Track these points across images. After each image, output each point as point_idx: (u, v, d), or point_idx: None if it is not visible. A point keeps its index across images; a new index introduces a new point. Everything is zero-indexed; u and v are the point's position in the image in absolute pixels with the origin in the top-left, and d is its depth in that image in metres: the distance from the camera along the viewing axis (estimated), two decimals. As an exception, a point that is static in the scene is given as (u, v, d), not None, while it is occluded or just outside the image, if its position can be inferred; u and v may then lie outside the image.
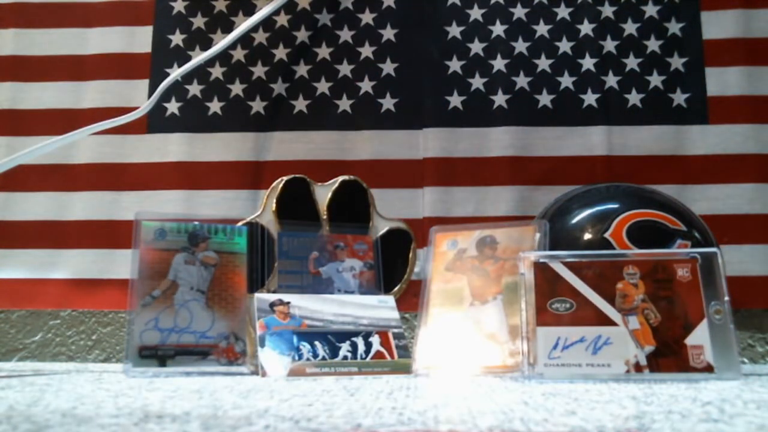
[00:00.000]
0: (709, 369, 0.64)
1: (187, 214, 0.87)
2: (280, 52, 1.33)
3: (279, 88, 1.32)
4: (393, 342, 0.82)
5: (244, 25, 1.25)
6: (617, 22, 1.31)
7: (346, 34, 1.33)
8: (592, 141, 1.26)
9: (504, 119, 1.27)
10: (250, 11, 1.33)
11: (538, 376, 0.65)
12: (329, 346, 0.79)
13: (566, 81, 1.28)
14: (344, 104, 1.30)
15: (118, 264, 1.28)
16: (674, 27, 1.30)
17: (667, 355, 0.65)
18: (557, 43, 1.30)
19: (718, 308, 0.66)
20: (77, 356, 1.30)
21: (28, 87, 1.36)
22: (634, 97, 1.27)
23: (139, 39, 1.36)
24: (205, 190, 1.29)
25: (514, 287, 0.76)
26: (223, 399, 0.47)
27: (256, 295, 0.83)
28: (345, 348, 0.79)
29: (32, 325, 1.31)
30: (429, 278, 0.79)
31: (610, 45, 1.30)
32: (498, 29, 1.31)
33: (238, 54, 1.33)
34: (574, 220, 0.81)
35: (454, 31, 1.32)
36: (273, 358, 0.76)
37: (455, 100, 1.29)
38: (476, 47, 1.31)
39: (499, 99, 1.28)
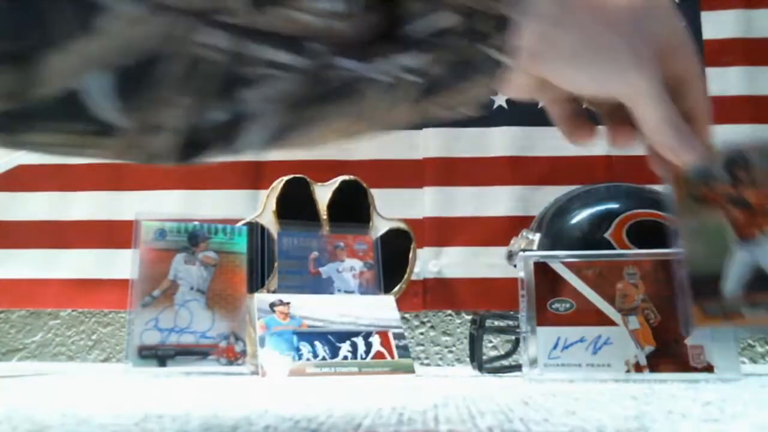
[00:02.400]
0: (709, 369, 0.64)
1: (187, 214, 0.87)
2: (280, 52, 1.33)
3: (279, 88, 1.32)
4: (393, 342, 0.82)
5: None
6: (617, 22, 1.31)
7: (346, 34, 1.33)
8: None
9: (504, 119, 1.27)
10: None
11: (538, 376, 0.65)
12: (329, 346, 0.79)
13: (566, 81, 1.28)
14: (344, 104, 1.30)
15: (118, 264, 1.27)
16: (674, 27, 1.30)
17: (667, 355, 0.65)
18: (557, 43, 1.30)
19: (718, 308, 0.66)
20: (77, 356, 1.30)
21: (28, 87, 1.36)
22: (634, 97, 1.27)
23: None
24: (205, 190, 1.29)
25: None
26: (223, 399, 0.47)
27: (256, 295, 0.83)
28: (345, 348, 0.79)
29: (32, 325, 1.31)
30: (675, 212, 0.57)
31: (610, 45, 1.29)
32: (498, 29, 1.31)
33: (238, 54, 1.33)
34: (574, 220, 0.81)
35: (454, 31, 1.31)
36: (273, 358, 0.76)
37: (455, 100, 1.29)
38: (476, 47, 1.31)
39: (499, 99, 1.28)
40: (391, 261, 0.99)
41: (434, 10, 0.31)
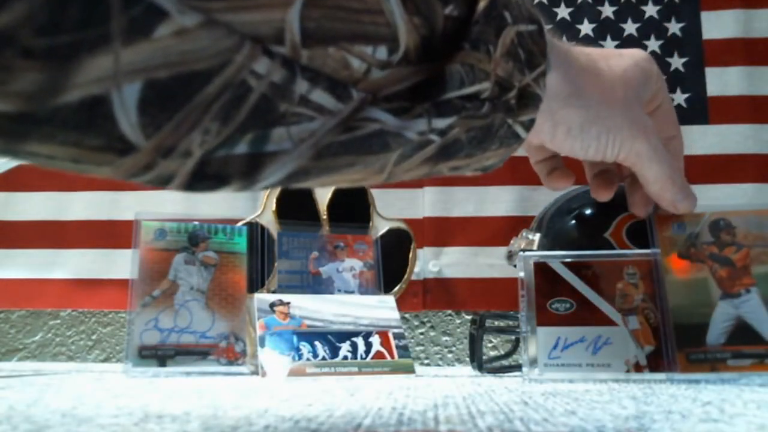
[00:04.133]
0: (709, 369, 0.64)
1: (187, 214, 0.87)
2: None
3: (279, 88, 1.32)
4: (393, 342, 0.82)
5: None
6: (617, 22, 1.31)
7: (346, 34, 1.33)
8: (592, 141, 1.25)
9: (504, 119, 1.27)
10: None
11: (538, 376, 0.65)
12: (329, 346, 0.79)
13: (566, 81, 1.28)
14: (344, 104, 1.30)
15: (118, 264, 1.28)
16: (674, 27, 1.30)
17: (667, 355, 0.65)
18: (557, 43, 1.30)
19: (718, 308, 0.66)
20: (77, 356, 1.30)
21: (28, 87, 1.36)
22: (634, 97, 1.27)
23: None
24: (205, 190, 1.29)
25: None
26: (223, 399, 0.47)
27: (256, 295, 0.83)
28: (345, 348, 0.79)
29: (32, 325, 1.31)
30: (660, 266, 0.67)
31: (610, 45, 1.30)
32: (498, 29, 1.31)
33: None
34: (574, 220, 0.81)
35: (454, 31, 1.31)
36: (273, 358, 0.76)
37: (455, 100, 1.29)
38: (476, 47, 1.30)
39: (499, 99, 1.28)
40: (391, 261, 0.99)
41: (474, 75, 0.31)
